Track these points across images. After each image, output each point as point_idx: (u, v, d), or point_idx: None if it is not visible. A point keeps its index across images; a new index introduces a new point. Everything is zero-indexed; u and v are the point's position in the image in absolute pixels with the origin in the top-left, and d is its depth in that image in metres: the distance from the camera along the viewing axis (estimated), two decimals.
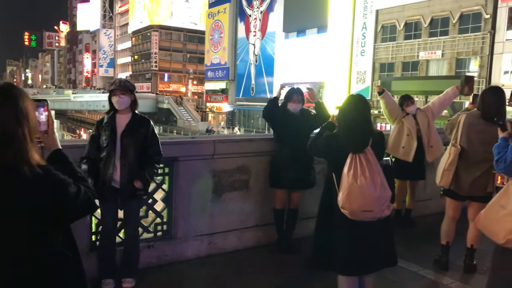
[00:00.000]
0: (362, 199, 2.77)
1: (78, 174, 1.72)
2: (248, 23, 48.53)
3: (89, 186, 1.71)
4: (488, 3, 28.13)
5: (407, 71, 33.04)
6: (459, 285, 3.73)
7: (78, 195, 1.62)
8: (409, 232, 5.10)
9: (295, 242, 4.38)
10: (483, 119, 3.73)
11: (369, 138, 2.90)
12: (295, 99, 4.29)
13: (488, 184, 3.81)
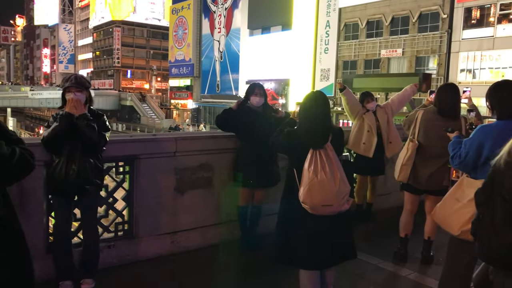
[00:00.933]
0: (323, 193, 2.81)
1: (12, 137, 1.76)
2: (212, 20, 48.26)
3: (26, 148, 1.75)
4: (445, 3, 29.13)
5: (369, 68, 33.77)
6: (417, 276, 3.85)
7: (12, 156, 1.64)
8: (369, 225, 5.23)
9: (258, 238, 4.38)
10: (439, 115, 3.85)
11: (329, 134, 2.95)
12: (257, 92, 4.29)
13: (444, 178, 3.95)
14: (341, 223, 2.97)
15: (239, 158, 4.33)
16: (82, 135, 3.18)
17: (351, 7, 34.25)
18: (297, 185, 2.92)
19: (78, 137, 3.20)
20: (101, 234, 3.84)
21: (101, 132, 3.30)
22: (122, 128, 48.49)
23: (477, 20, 28.23)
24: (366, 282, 3.74)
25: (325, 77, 36.07)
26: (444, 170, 3.92)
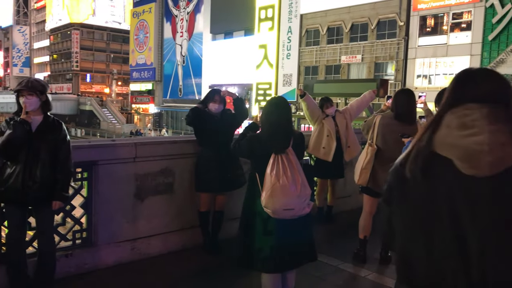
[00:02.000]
0: (284, 198, 2.85)
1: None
2: (174, 24, 47.81)
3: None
4: (402, 12, 30.16)
5: (330, 74, 34.42)
6: (375, 276, 3.95)
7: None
8: (330, 228, 5.32)
9: (221, 243, 4.38)
10: (396, 120, 3.98)
11: (290, 139, 3.00)
12: (216, 99, 4.32)
13: None
14: (302, 226, 3.02)
15: (199, 163, 4.31)
16: None
17: (312, 14, 34.84)
18: (259, 190, 2.95)
19: (37, 144, 3.11)
20: (58, 243, 3.73)
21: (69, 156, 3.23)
22: (81, 133, 47.16)
23: (431, 28, 29.40)
24: (326, 284, 3.81)
25: (287, 82, 36.47)
26: None
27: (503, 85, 1.45)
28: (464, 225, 1.31)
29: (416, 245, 1.39)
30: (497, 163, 1.28)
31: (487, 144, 1.27)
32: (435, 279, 1.35)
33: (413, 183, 1.41)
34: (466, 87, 1.45)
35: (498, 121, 1.32)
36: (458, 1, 27.59)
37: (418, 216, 1.40)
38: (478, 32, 26.77)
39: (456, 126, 1.35)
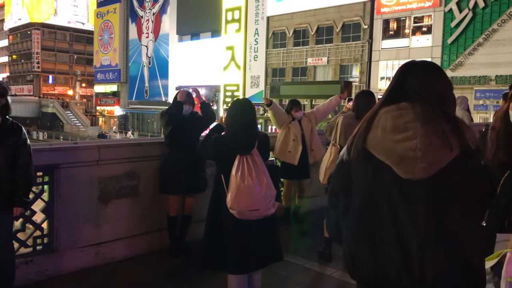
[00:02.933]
0: (250, 199, 2.86)
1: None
2: (140, 24, 47.14)
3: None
4: (366, 15, 30.85)
5: (297, 76, 34.80)
6: (340, 274, 4.02)
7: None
8: (296, 227, 5.37)
9: (188, 246, 4.36)
10: (357, 120, 4.08)
11: (255, 140, 3.02)
12: (185, 101, 4.31)
13: None
14: (267, 227, 3.04)
15: (167, 165, 4.28)
16: None
17: (278, 16, 35.14)
18: (224, 191, 2.95)
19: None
20: (17, 250, 3.61)
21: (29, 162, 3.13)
22: (43, 136, 45.71)
23: (394, 31, 30.21)
24: (292, 283, 3.85)
25: (255, 84, 36.62)
26: None
27: (445, 84, 1.51)
28: (403, 226, 1.36)
29: (361, 245, 1.45)
30: (431, 167, 1.33)
31: (420, 149, 1.32)
32: (380, 277, 1.41)
33: (355, 182, 1.48)
34: (407, 82, 1.49)
35: (431, 121, 1.36)
36: (419, 6, 28.47)
37: (361, 216, 1.45)
38: (438, 35, 27.73)
39: (391, 128, 1.38)
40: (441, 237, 1.34)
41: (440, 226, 1.34)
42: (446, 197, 1.35)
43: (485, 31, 25.91)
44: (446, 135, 1.34)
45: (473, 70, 25.97)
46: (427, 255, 1.34)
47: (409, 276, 1.35)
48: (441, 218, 1.34)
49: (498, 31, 25.46)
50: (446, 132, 1.34)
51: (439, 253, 1.34)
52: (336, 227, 1.58)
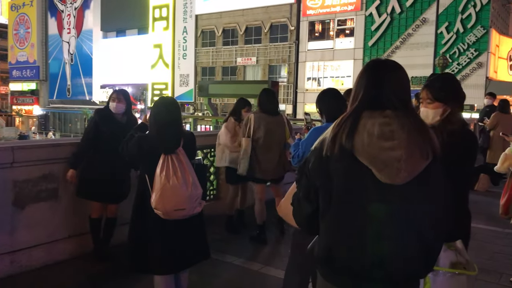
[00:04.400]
0: (175, 198, 2.83)
1: None
2: (60, 19, 44.57)
3: None
4: (293, 17, 31.67)
5: (227, 75, 34.88)
6: (268, 269, 4.11)
7: None
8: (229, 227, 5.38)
9: (112, 249, 4.22)
10: (264, 113, 4.72)
11: (180, 139, 2.99)
12: (114, 97, 4.14)
13: (281, 168, 4.81)
14: (194, 226, 3.03)
15: (89, 169, 4.09)
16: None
17: (207, 15, 34.98)
18: (149, 191, 2.90)
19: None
20: None
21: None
22: None
23: (319, 33, 31.31)
24: (221, 280, 3.88)
25: (184, 83, 36.16)
26: (280, 161, 4.76)
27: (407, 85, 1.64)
28: (379, 224, 1.48)
29: (339, 240, 1.55)
30: (410, 175, 1.47)
31: (404, 160, 1.45)
32: (354, 265, 1.52)
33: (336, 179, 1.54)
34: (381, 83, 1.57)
35: (413, 130, 1.49)
36: (342, 9, 29.77)
37: (340, 212, 1.55)
38: (360, 38, 29.17)
39: (378, 135, 1.47)
40: (413, 234, 1.48)
41: (412, 225, 1.48)
42: (418, 198, 1.49)
43: (402, 35, 27.70)
44: (424, 145, 1.49)
45: None
46: (400, 251, 1.48)
47: (380, 270, 1.49)
48: (413, 217, 1.49)
49: (413, 35, 27.33)
50: (424, 141, 1.49)
51: (410, 250, 1.49)
52: (309, 219, 1.66)
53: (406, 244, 1.48)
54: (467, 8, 26.06)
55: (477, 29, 25.91)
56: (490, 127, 8.24)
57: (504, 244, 4.89)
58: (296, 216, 1.75)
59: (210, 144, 5.84)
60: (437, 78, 2.38)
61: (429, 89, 2.33)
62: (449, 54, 25.59)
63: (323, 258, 1.59)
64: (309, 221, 1.67)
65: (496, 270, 4.19)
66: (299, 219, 1.73)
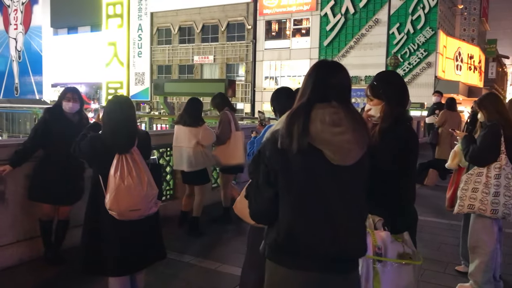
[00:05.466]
0: (130, 199, 2.79)
1: None
2: (7, 15, 42.50)
3: None
4: (249, 16, 31.78)
5: (183, 73, 34.53)
6: (224, 267, 4.12)
7: None
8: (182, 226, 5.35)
9: (65, 252, 4.10)
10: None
11: (134, 138, 2.94)
12: (69, 97, 4.00)
13: None
14: (149, 226, 2.99)
15: (41, 170, 3.94)
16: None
17: (162, 12, 34.47)
18: (103, 192, 2.83)
19: None
20: None
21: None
22: None
23: (276, 32, 31.61)
24: (178, 280, 3.85)
25: (140, 81, 35.48)
26: None
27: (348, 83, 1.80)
28: (334, 203, 1.67)
29: (299, 221, 1.68)
30: (357, 156, 1.68)
31: (353, 142, 1.65)
32: (313, 246, 1.67)
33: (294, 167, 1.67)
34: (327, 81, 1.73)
35: (355, 119, 1.68)
36: (298, 9, 30.19)
37: (300, 195, 1.69)
38: (315, 38, 29.69)
39: (329, 123, 1.64)
40: (358, 210, 1.72)
41: (357, 202, 1.71)
42: (358, 180, 1.73)
43: (356, 35, 28.45)
44: (363, 131, 1.70)
45: None
46: (351, 225, 1.68)
47: (335, 244, 1.66)
48: (358, 194, 1.72)
49: (366, 35, 28.13)
50: (363, 129, 1.71)
51: (353, 224, 1.70)
52: (269, 203, 1.74)
53: (356, 223, 1.70)
54: (417, 10, 27.12)
55: (426, 30, 27.02)
56: (438, 124, 8.61)
57: (450, 235, 5.14)
58: (253, 205, 1.81)
59: (167, 143, 5.79)
60: (377, 76, 2.48)
61: (369, 87, 2.44)
62: (400, 54, 26.55)
63: (283, 243, 1.69)
64: (269, 206, 1.74)
65: (443, 260, 4.40)
66: (257, 207, 1.79)
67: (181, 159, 5.08)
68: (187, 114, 5.12)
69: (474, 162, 3.54)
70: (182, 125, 5.08)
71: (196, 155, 5.01)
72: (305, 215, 1.67)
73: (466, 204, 3.52)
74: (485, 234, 3.55)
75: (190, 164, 5.03)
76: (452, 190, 4.03)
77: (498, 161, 3.40)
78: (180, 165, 5.12)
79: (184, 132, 5.06)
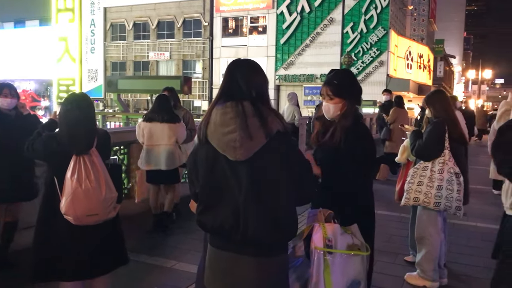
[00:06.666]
0: (87, 203, 2.67)
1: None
2: None
3: None
4: (206, 12, 31.59)
5: (139, 70, 33.85)
6: (181, 265, 4.12)
7: None
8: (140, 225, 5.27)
9: (12, 256, 3.94)
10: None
11: (93, 138, 2.81)
12: (6, 93, 3.83)
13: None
14: (108, 231, 2.88)
15: None
16: None
17: (116, 8, 33.62)
18: (58, 195, 2.71)
19: None
20: None
21: None
22: None
23: (233, 30, 31.60)
24: (135, 280, 3.80)
25: (93, 78, 34.47)
26: None
27: (263, 81, 1.90)
28: (234, 194, 1.80)
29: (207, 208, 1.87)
30: (247, 153, 1.77)
31: (238, 140, 1.75)
32: (218, 230, 1.85)
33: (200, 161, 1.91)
34: (234, 79, 1.86)
35: (247, 117, 1.77)
36: (255, 7, 30.31)
37: (206, 187, 1.88)
38: (272, 36, 29.94)
39: (219, 123, 1.79)
40: (258, 200, 1.78)
41: (257, 192, 1.78)
42: (261, 171, 1.79)
43: (311, 34, 28.93)
44: (256, 128, 1.77)
45: (302, 69, 28.80)
46: (249, 214, 1.77)
47: (237, 231, 1.78)
48: (258, 186, 1.79)
49: (321, 34, 28.66)
50: (257, 125, 1.77)
51: (257, 212, 1.77)
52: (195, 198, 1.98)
53: (261, 212, 1.77)
54: (370, 10, 27.92)
55: (378, 29, 27.88)
56: (390, 121, 8.97)
57: (400, 227, 5.36)
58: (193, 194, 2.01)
59: (121, 141, 5.68)
60: (334, 75, 2.56)
61: (329, 86, 2.52)
62: (354, 53, 27.26)
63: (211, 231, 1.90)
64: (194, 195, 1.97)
65: (393, 251, 4.59)
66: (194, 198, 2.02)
67: (158, 158, 4.93)
68: (164, 110, 4.96)
69: (419, 156, 3.72)
70: (159, 122, 4.92)
71: (175, 153, 4.93)
72: (208, 203, 1.86)
73: (412, 196, 3.69)
74: (430, 226, 3.74)
75: (171, 163, 4.93)
76: (401, 183, 4.21)
77: (442, 156, 3.59)
78: (157, 164, 4.95)
79: (162, 130, 4.91)
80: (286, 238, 1.89)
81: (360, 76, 28.08)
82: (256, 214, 1.77)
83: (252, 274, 1.82)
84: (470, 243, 4.91)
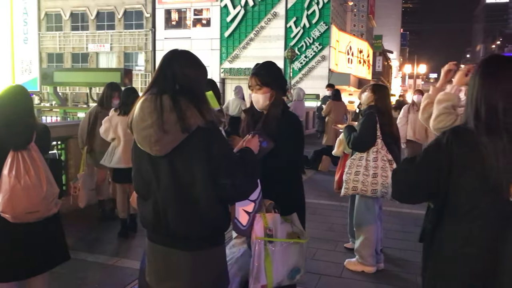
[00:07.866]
0: (27, 200, 2.55)
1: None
2: None
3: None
4: (148, 3, 30.82)
5: (77, 62, 32.49)
6: (123, 262, 4.04)
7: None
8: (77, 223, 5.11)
9: None
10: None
11: (32, 132, 2.69)
12: None
13: None
14: (49, 228, 2.77)
15: None
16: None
17: None
18: None
19: None
20: None
21: None
22: None
23: (176, 22, 31.07)
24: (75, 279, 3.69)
25: (27, 70, 32.59)
26: None
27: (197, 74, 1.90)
28: (155, 188, 1.81)
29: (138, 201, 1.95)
30: (164, 148, 1.74)
31: (153, 136, 1.73)
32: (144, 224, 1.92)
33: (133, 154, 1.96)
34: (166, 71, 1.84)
35: (165, 112, 1.72)
36: None
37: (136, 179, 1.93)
38: (216, 29, 29.77)
39: (139, 118, 1.77)
40: (176, 197, 1.78)
41: (176, 186, 1.78)
42: (179, 168, 1.77)
43: (255, 28, 29.08)
44: (173, 123, 1.72)
45: (247, 62, 28.89)
46: (168, 212, 1.79)
47: (160, 226, 1.82)
48: (177, 180, 1.78)
49: (265, 28, 28.89)
50: (173, 120, 1.72)
51: (176, 210, 1.79)
52: None
53: (181, 206, 1.78)
54: (312, 5, 28.50)
55: (320, 24, 28.53)
56: (325, 113, 9.34)
57: (340, 216, 5.57)
58: None
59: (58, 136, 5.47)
60: (261, 66, 2.64)
61: (257, 76, 2.58)
62: (297, 47, 27.75)
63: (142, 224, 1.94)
64: None
65: (334, 239, 4.76)
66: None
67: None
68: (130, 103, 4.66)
69: (355, 148, 3.89)
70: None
71: None
72: (140, 194, 1.91)
73: (351, 186, 3.85)
74: (367, 213, 3.92)
75: None
76: (340, 173, 4.38)
77: (375, 145, 3.78)
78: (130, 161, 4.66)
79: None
80: (212, 232, 1.85)
81: (303, 70, 28.64)
82: (175, 212, 1.77)
83: (183, 267, 1.83)
84: (405, 228, 5.20)
